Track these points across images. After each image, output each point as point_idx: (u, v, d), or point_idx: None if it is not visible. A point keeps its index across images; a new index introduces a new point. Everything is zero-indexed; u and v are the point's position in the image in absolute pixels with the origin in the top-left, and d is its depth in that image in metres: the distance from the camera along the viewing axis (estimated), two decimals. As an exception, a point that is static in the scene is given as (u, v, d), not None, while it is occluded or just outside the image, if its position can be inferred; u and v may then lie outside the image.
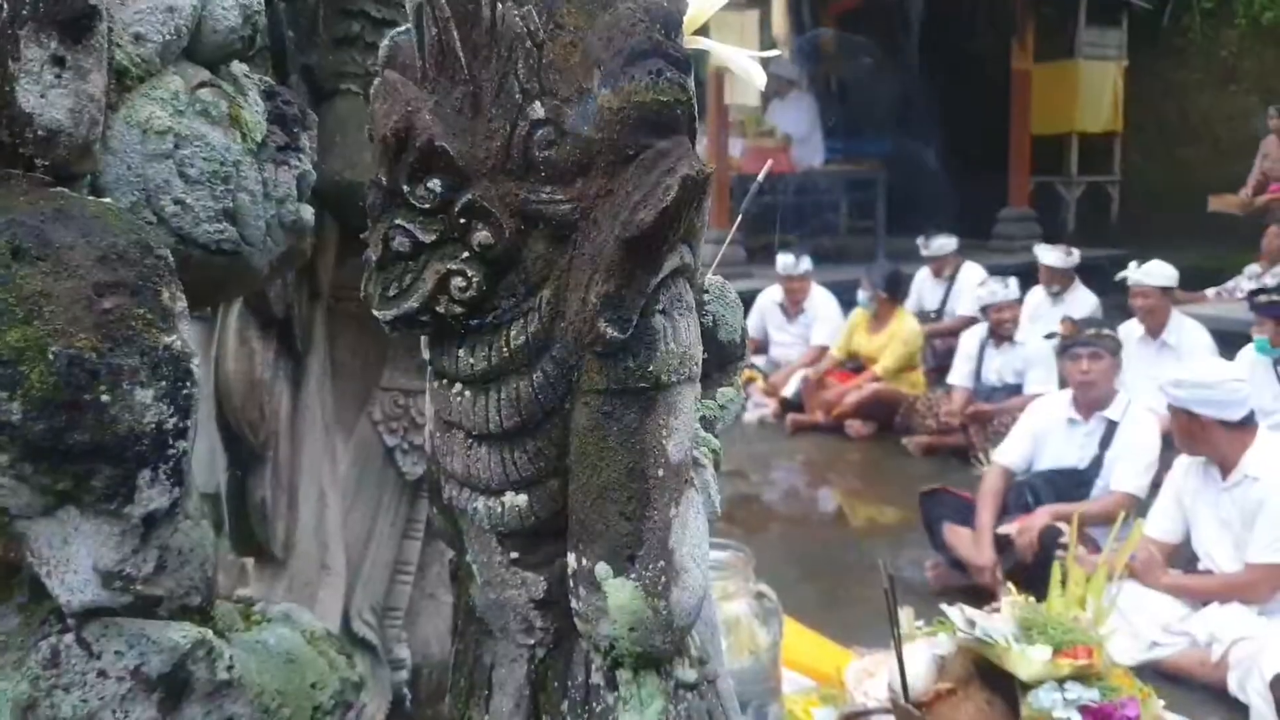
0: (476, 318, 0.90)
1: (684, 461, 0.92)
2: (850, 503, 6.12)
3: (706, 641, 1.01)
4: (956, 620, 2.32)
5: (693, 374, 0.93)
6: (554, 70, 0.87)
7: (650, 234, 0.85)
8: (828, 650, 3.02)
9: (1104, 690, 2.21)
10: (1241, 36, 11.29)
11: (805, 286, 7.80)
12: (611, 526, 0.88)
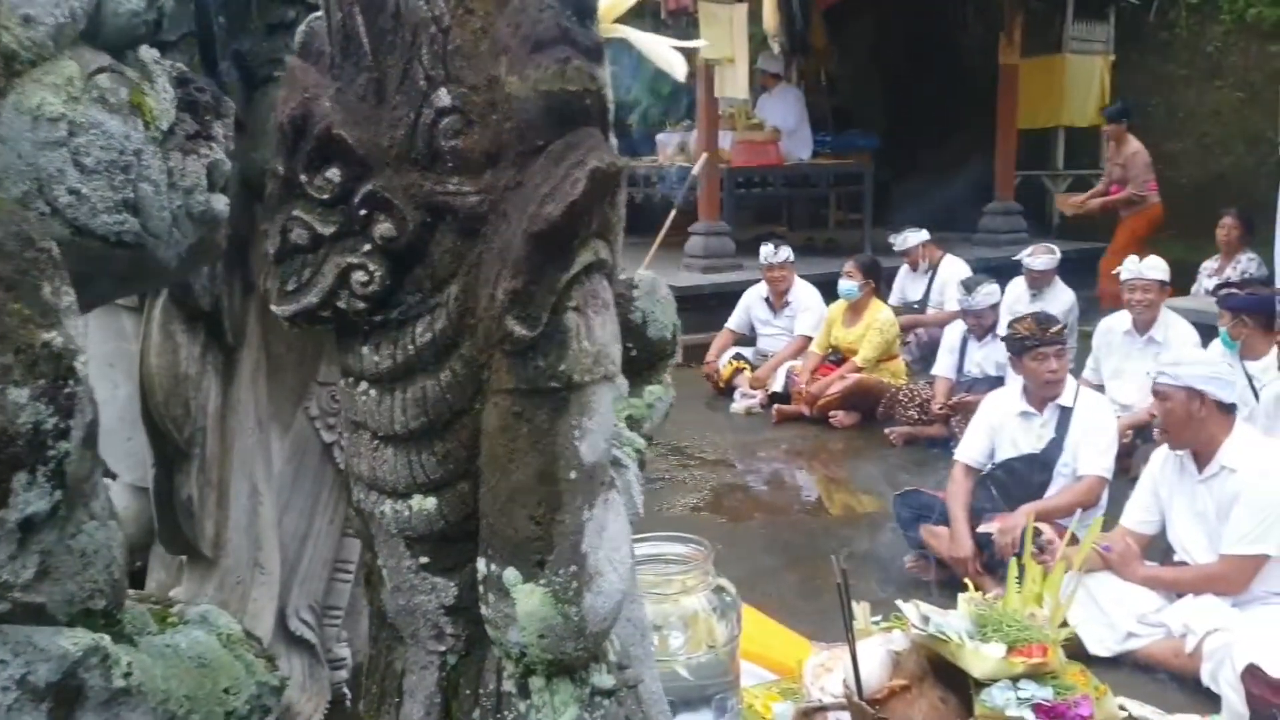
0: (380, 314, 0.87)
1: (599, 463, 0.89)
2: (832, 492, 6.12)
3: (632, 644, 0.98)
4: (911, 617, 2.29)
5: (609, 373, 0.90)
6: (461, 57, 0.83)
7: (558, 228, 0.81)
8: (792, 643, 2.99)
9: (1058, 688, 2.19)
10: (1226, 32, 11.28)
11: (787, 277, 7.77)
12: (520, 531, 0.85)
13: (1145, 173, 9.04)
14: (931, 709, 2.15)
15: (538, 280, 0.83)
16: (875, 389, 7.03)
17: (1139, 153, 9.05)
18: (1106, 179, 9.43)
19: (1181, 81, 11.65)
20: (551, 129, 0.84)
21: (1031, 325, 4.54)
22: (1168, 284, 6.30)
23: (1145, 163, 9.08)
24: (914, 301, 8.54)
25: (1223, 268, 8.07)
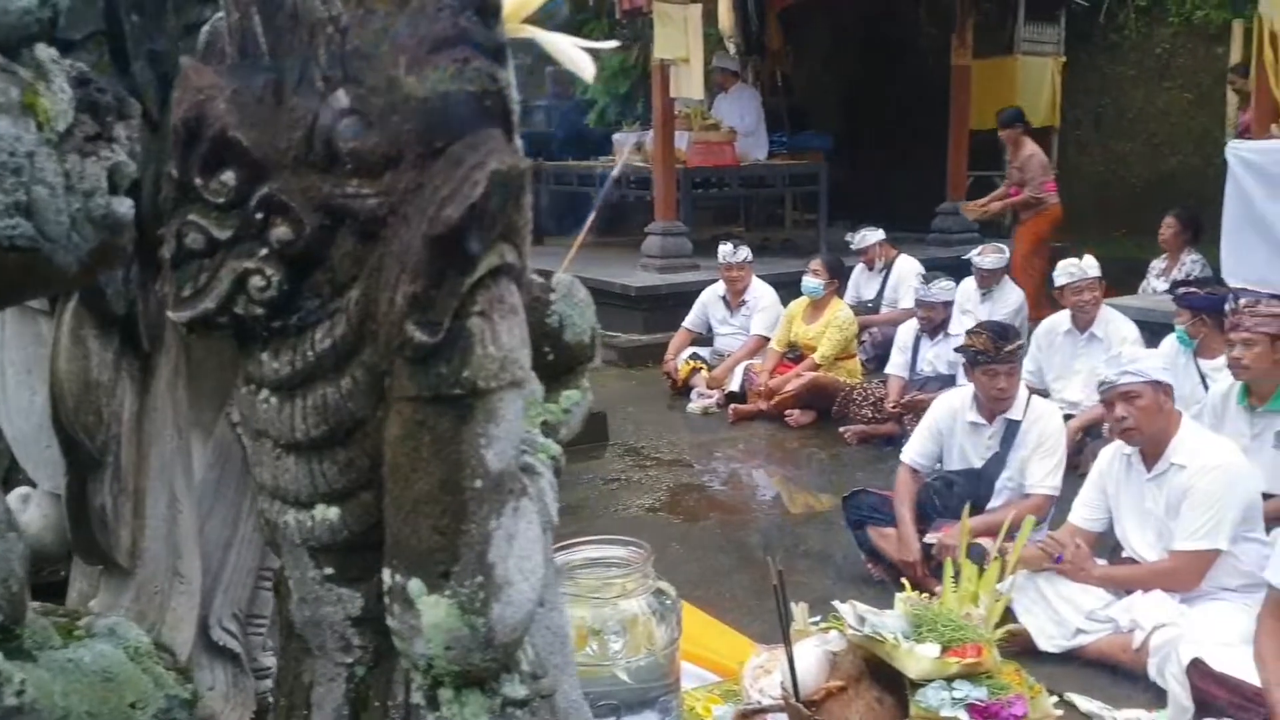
0: (279, 319, 0.84)
1: (507, 471, 0.87)
2: (788, 490, 6.14)
3: (551, 653, 0.97)
4: (848, 617, 2.29)
5: (517, 378, 0.88)
6: (360, 58, 0.81)
7: (458, 231, 0.80)
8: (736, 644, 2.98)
9: (992, 688, 2.19)
10: (1174, 34, 11.44)
11: (745, 276, 7.79)
12: (424, 541, 0.83)
13: (1042, 175, 9.22)
14: (868, 709, 2.15)
15: (438, 285, 0.82)
16: (831, 387, 7.07)
17: (1035, 155, 9.22)
18: (1007, 182, 9.59)
19: (1130, 82, 11.80)
20: (451, 130, 0.82)
21: (987, 342, 4.51)
22: (1103, 280, 6.40)
23: (1042, 165, 9.27)
24: (868, 300, 8.60)
25: (1170, 267, 8.18)
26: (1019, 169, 9.28)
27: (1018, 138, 9.27)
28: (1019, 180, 9.32)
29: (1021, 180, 9.27)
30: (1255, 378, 4.48)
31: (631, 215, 11.37)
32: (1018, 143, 9.27)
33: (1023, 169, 9.23)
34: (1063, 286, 6.31)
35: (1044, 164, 9.31)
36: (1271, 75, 6.80)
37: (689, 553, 5.07)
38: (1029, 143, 9.28)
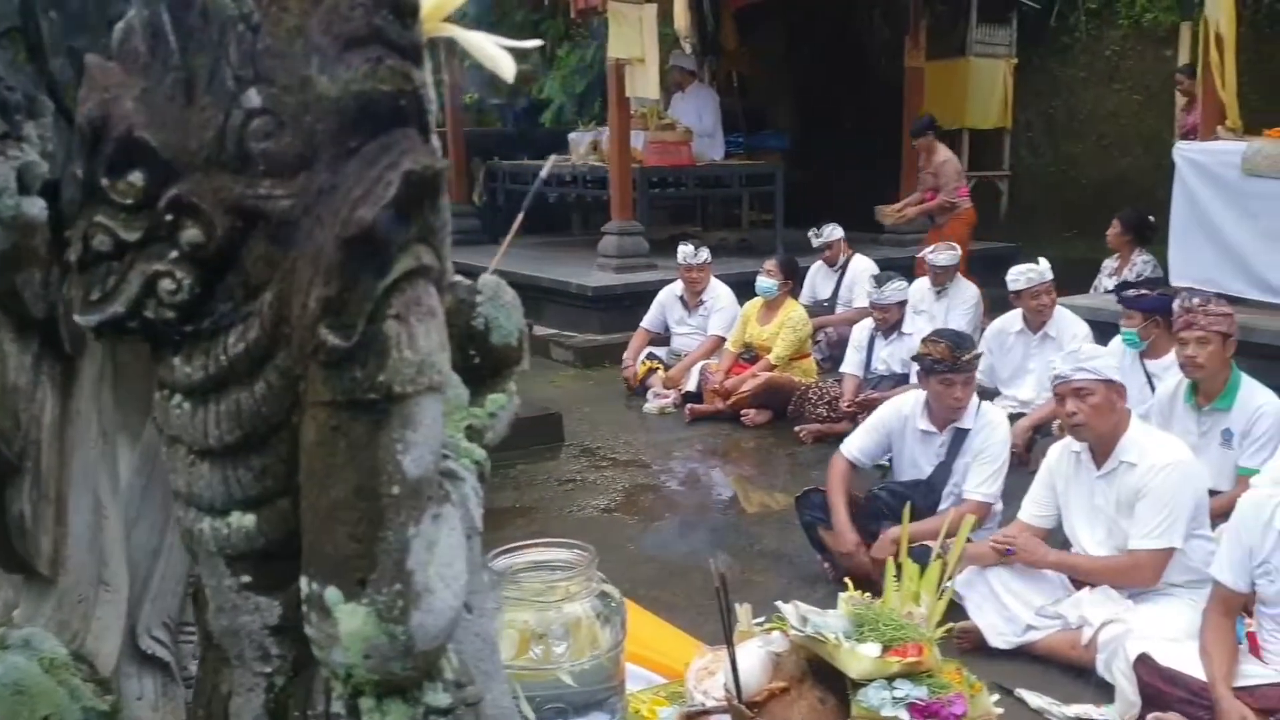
0: (191, 323, 0.83)
1: (425, 477, 0.86)
2: (744, 489, 6.16)
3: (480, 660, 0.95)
4: (790, 618, 2.28)
5: (435, 383, 0.86)
6: (272, 56, 0.80)
7: (371, 233, 0.78)
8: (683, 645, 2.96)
9: (933, 687, 2.20)
10: (1124, 36, 11.60)
11: (704, 277, 7.81)
12: (340, 549, 0.82)
13: (956, 179, 9.41)
14: (810, 710, 2.15)
15: (352, 288, 0.80)
16: (786, 387, 7.11)
17: (949, 161, 9.41)
18: (922, 187, 9.74)
19: (1081, 84, 11.94)
20: (365, 130, 0.80)
21: (945, 350, 4.49)
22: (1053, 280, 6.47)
23: (955, 170, 9.45)
24: (824, 300, 8.66)
25: (1121, 268, 8.29)
26: (933, 174, 9.45)
27: (931, 144, 9.45)
28: (933, 185, 9.48)
29: (936, 185, 9.43)
30: (1207, 376, 4.54)
31: (588, 215, 11.36)
32: (931, 149, 9.45)
33: (937, 174, 9.40)
34: (1020, 291, 6.36)
35: (957, 169, 9.50)
36: (1217, 77, 6.91)
37: (644, 553, 5.07)
38: (942, 148, 9.48)
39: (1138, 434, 3.85)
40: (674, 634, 2.75)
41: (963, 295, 7.72)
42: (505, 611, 1.96)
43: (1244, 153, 6.53)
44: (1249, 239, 6.53)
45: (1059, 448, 4.11)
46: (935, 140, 9.45)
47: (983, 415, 4.53)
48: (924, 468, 4.59)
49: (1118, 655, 3.51)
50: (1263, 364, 5.71)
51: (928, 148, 9.46)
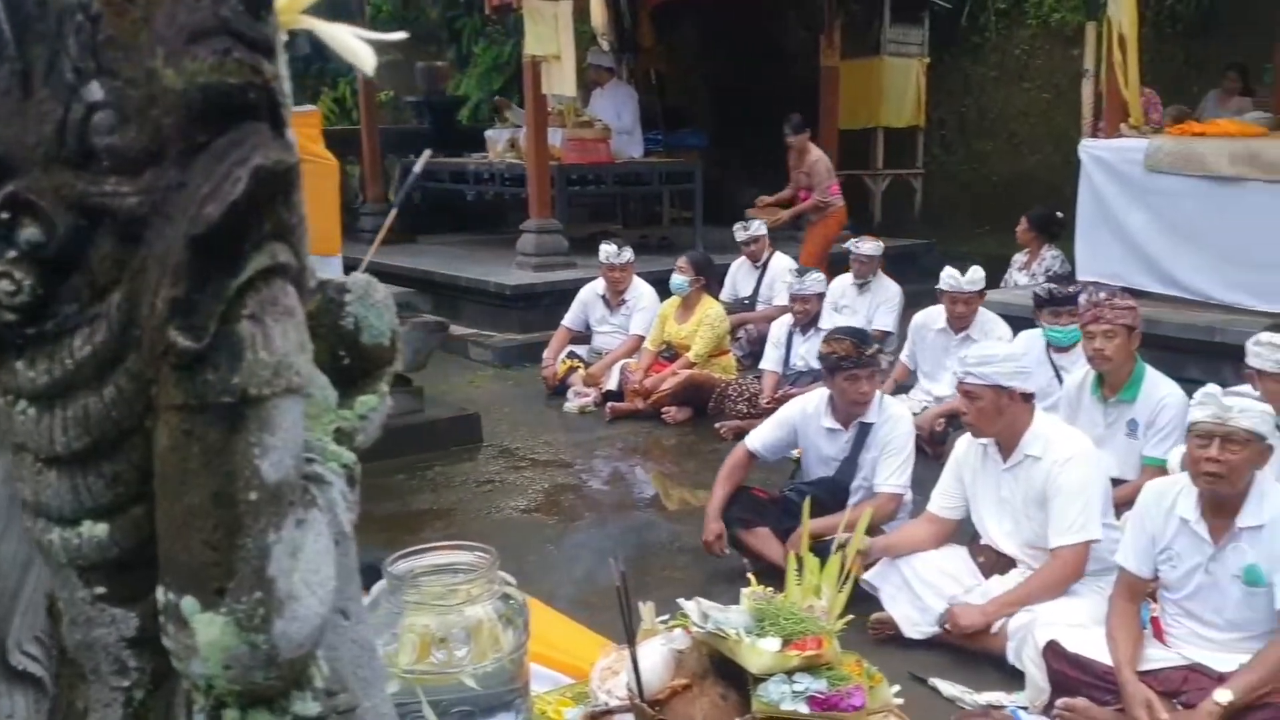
0: (34, 326, 0.79)
1: (286, 481, 0.83)
2: (666, 487, 6.17)
3: (359, 667, 0.93)
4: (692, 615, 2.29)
5: (294, 384, 0.84)
6: (115, 48, 0.77)
7: (220, 231, 0.76)
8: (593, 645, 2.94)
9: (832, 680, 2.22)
10: (1032, 36, 11.85)
11: (627, 277, 7.81)
12: (196, 557, 0.79)
13: (828, 179, 9.56)
14: (712, 706, 2.16)
15: (201, 287, 0.77)
16: (706, 384, 7.14)
17: (820, 160, 9.56)
18: (794, 186, 9.87)
19: (992, 83, 12.17)
20: (213, 125, 0.78)
21: (849, 347, 4.52)
22: (984, 290, 6.57)
23: (827, 169, 9.58)
24: (744, 297, 8.71)
25: (1030, 263, 8.47)
26: (805, 174, 9.58)
27: (803, 144, 9.59)
28: (806, 184, 9.61)
29: (809, 185, 9.56)
30: (1113, 368, 4.66)
31: (506, 213, 11.30)
32: (804, 149, 9.59)
33: (810, 174, 9.53)
34: (942, 292, 6.47)
35: (829, 168, 9.63)
36: (1120, 76, 7.09)
37: (564, 553, 5.05)
38: (814, 148, 9.62)
39: (1042, 427, 3.92)
40: (583, 634, 2.74)
41: (885, 291, 7.84)
42: (406, 616, 1.93)
43: (1146, 150, 6.71)
44: (1152, 234, 6.72)
45: (966, 440, 4.17)
46: (808, 140, 9.59)
47: (885, 409, 4.58)
48: (831, 464, 4.63)
49: (1027, 643, 3.58)
50: (1166, 356, 5.88)
51: (801, 147, 9.60)
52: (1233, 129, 6.78)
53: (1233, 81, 9.67)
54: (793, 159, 9.79)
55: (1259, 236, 6.22)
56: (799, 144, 9.59)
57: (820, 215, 9.50)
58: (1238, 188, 6.32)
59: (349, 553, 0.96)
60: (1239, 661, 3.17)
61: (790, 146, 9.73)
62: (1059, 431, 3.94)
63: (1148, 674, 3.30)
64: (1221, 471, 3.16)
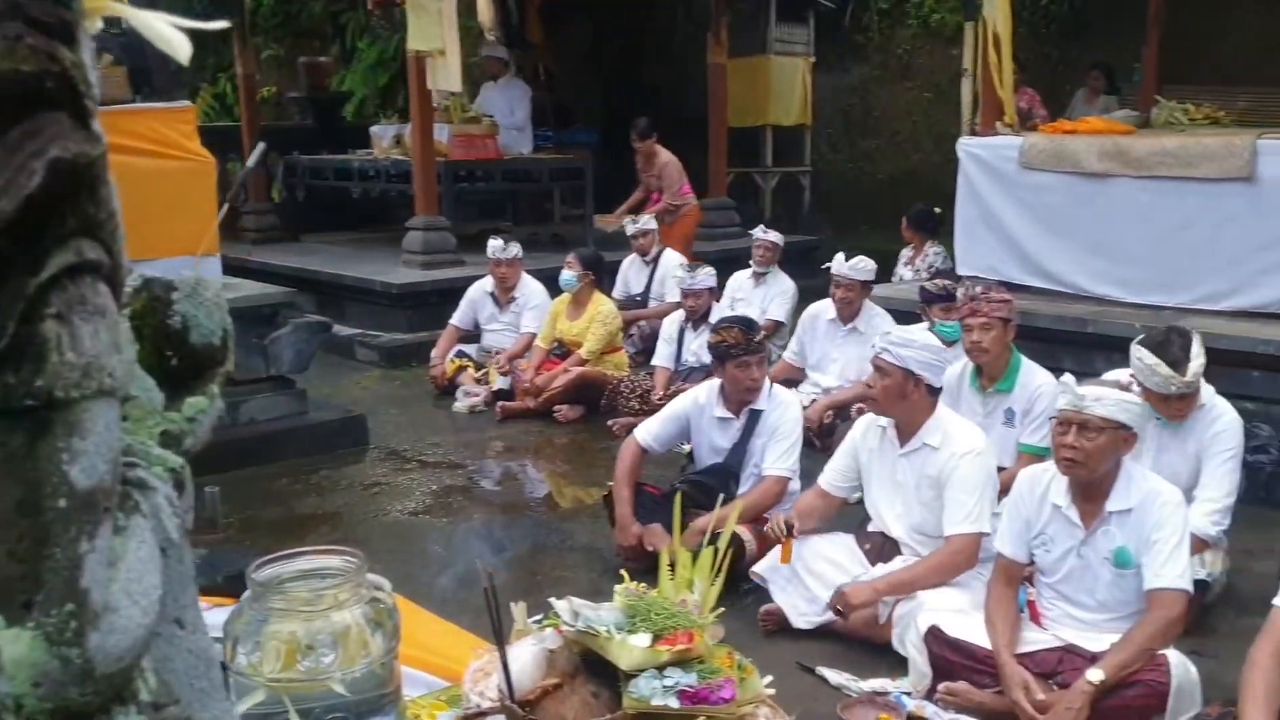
0: None
1: (99, 488, 0.79)
2: (558, 485, 6.13)
3: (193, 678, 0.89)
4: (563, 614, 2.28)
5: (106, 386, 0.80)
6: (-102, 33, 0.72)
7: (15, 226, 0.72)
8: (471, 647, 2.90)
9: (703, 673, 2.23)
10: (913, 36, 12.13)
11: (515, 273, 7.75)
12: (1, 570, 0.75)
13: (679, 180, 9.61)
14: (583, 705, 2.15)
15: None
16: (598, 381, 7.13)
17: (670, 163, 9.60)
18: (644, 190, 9.93)
19: (875, 82, 12.42)
20: (6, 114, 0.74)
21: (739, 335, 4.56)
22: (871, 283, 6.69)
23: (678, 170, 9.63)
24: (636, 294, 8.73)
25: (915, 258, 8.66)
26: (656, 177, 9.61)
27: (651, 148, 9.61)
28: (657, 188, 9.65)
29: (660, 188, 9.61)
30: (991, 360, 4.78)
31: (393, 211, 11.13)
32: (652, 153, 9.63)
33: (660, 177, 9.56)
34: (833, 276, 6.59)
35: (679, 170, 9.66)
36: (996, 76, 7.27)
37: (452, 555, 4.99)
38: (662, 151, 9.63)
39: (942, 419, 3.99)
40: (459, 636, 2.71)
41: (781, 285, 7.94)
42: (271, 623, 1.88)
43: (1021, 147, 6.90)
44: (1026, 229, 6.90)
45: (867, 420, 4.21)
46: (656, 143, 9.59)
47: (775, 396, 4.64)
48: (724, 454, 4.67)
49: (910, 629, 3.65)
50: (1042, 347, 6.06)
51: (649, 152, 9.62)
52: (1102, 127, 7.01)
53: (1097, 80, 10.04)
54: (641, 163, 9.78)
55: (1125, 231, 6.45)
56: (646, 149, 9.61)
57: (675, 216, 9.50)
58: (1106, 183, 6.54)
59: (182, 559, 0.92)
60: (1110, 641, 3.27)
61: (638, 151, 9.72)
62: (959, 425, 4.01)
63: (1025, 656, 3.39)
64: (1078, 458, 3.28)
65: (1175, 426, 4.17)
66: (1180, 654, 3.24)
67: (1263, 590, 2.97)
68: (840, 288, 6.52)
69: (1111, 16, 10.39)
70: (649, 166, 9.65)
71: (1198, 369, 4.00)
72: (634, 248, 8.71)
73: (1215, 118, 7.65)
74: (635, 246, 8.69)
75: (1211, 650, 3.81)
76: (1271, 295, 5.96)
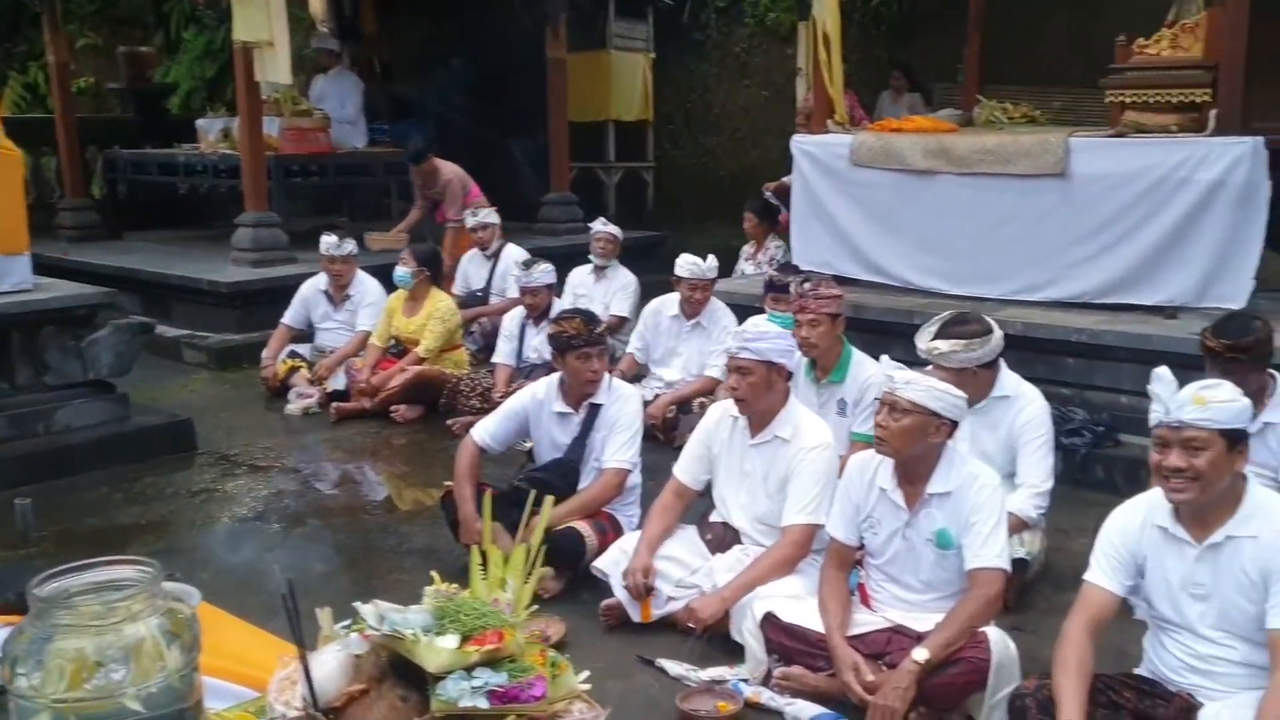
0: None
1: None
2: (397, 487, 5.99)
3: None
4: (369, 618, 2.21)
5: None
6: None
7: None
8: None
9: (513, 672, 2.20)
10: (751, 35, 12.33)
11: (349, 270, 7.54)
12: None
13: (463, 194, 9.22)
14: (391, 709, 2.09)
15: None
16: (437, 380, 7.01)
17: (453, 179, 9.20)
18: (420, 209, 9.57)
19: (715, 80, 12.57)
20: None
21: (580, 325, 4.53)
22: (714, 279, 6.78)
23: (462, 184, 9.25)
24: (477, 290, 8.63)
25: (756, 253, 8.79)
26: (440, 193, 9.19)
27: (431, 168, 9.18)
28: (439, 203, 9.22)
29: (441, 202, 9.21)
30: (821, 354, 4.88)
31: (221, 206, 10.73)
32: (433, 172, 9.18)
33: (443, 192, 9.15)
34: (681, 278, 6.62)
35: (464, 182, 9.24)
36: (826, 74, 7.44)
37: (285, 561, 4.82)
38: (444, 168, 9.20)
39: (793, 412, 4.04)
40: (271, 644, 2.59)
41: (622, 279, 7.97)
42: (56, 640, 1.75)
43: (851, 145, 7.07)
44: (858, 225, 7.09)
45: (718, 410, 4.23)
46: (435, 160, 9.19)
47: (614, 390, 4.63)
48: (563, 448, 4.63)
49: (746, 617, 3.69)
50: (873, 338, 6.23)
51: (429, 171, 9.19)
52: (927, 125, 7.23)
53: (899, 80, 10.35)
54: (420, 181, 9.34)
55: (949, 226, 6.68)
56: (425, 170, 9.18)
57: (458, 229, 8.99)
58: (931, 180, 6.75)
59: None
60: (935, 621, 3.36)
61: (416, 173, 9.30)
62: (809, 420, 4.07)
63: (856, 638, 3.46)
64: (884, 435, 3.41)
65: (984, 414, 4.32)
66: (1000, 631, 3.35)
67: (1078, 567, 3.09)
68: (697, 289, 6.59)
69: (938, 18, 10.76)
70: (431, 184, 9.24)
71: (933, 349, 4.17)
72: (473, 241, 8.59)
73: (1032, 117, 7.98)
74: (476, 240, 8.58)
75: (1031, 626, 3.98)
76: (1085, 286, 6.26)
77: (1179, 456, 2.80)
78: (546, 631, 3.87)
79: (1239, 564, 2.79)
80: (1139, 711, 2.89)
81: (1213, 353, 4.04)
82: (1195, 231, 5.87)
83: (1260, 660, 2.78)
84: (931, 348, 4.22)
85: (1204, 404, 2.78)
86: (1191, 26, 6.16)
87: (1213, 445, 2.76)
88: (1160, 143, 6.03)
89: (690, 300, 6.63)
